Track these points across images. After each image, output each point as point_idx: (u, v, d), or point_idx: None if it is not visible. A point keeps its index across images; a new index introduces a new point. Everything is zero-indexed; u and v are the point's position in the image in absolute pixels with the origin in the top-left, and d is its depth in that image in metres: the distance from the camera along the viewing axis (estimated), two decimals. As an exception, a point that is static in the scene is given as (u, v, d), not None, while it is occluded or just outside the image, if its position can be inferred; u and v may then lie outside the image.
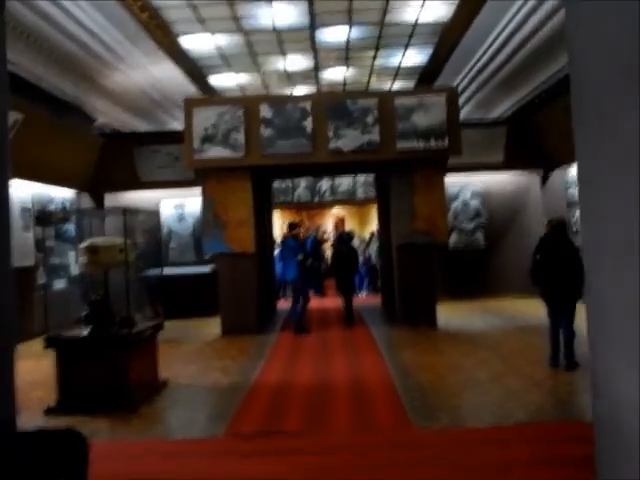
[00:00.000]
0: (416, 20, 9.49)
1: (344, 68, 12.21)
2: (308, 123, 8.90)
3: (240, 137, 8.86)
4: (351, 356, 7.41)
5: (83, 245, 5.95)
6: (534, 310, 10.66)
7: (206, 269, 11.61)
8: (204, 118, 8.89)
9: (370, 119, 8.93)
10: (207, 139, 8.87)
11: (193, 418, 5.19)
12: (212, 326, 9.90)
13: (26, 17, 8.24)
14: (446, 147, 8.93)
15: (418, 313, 9.28)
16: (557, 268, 5.76)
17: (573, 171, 11.48)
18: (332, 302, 12.11)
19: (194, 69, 11.58)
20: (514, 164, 12.25)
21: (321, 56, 11.16)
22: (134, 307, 12.07)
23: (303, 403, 5.56)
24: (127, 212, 5.68)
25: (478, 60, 11.62)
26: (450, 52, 10.72)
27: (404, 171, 9.26)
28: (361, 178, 16.51)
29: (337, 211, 21.49)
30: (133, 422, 5.11)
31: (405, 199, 9.25)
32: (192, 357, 7.93)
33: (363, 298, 13.89)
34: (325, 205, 18.29)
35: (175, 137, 9.42)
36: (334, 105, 8.98)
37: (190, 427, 4.94)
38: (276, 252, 13.32)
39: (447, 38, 10.09)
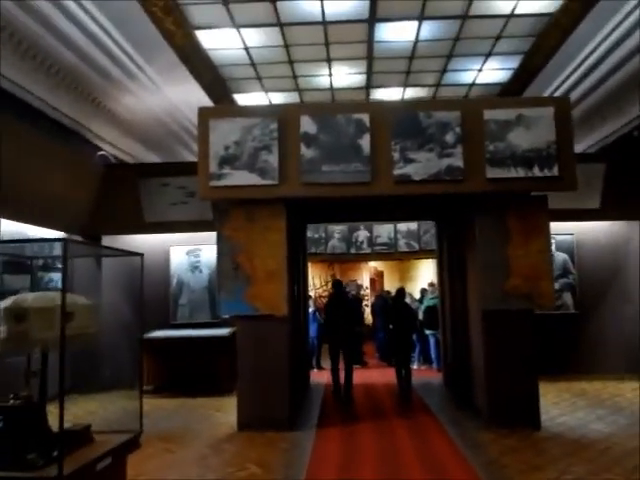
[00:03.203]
0: (512, 11, 7.06)
1: (401, 89, 9.84)
2: (365, 142, 6.55)
3: (273, 159, 6.52)
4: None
5: (2, 305, 3.37)
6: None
7: (224, 332, 9.07)
8: (225, 133, 6.61)
9: (450, 138, 6.56)
10: (228, 161, 6.56)
11: None
12: (227, 410, 7.67)
13: (16, 17, 6.16)
14: (556, 176, 6.34)
15: (514, 406, 6.66)
16: None
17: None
18: (379, 375, 9.50)
19: (216, 84, 9.36)
20: (613, 211, 9.54)
21: (376, 66, 8.82)
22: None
23: None
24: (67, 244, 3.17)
25: (568, 77, 9.23)
26: (543, 63, 8.31)
27: (493, 210, 6.72)
28: (403, 227, 14.29)
29: (374, 265, 19.09)
30: None
31: (495, 248, 6.73)
32: (190, 473, 5.43)
33: (416, 371, 11.03)
34: (361, 258, 16.12)
35: (190, 168, 7.00)
36: (401, 118, 6.67)
37: None
38: (310, 310, 10.84)
39: (544, 42, 7.66)
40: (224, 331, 9.30)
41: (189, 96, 10.00)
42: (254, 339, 6.94)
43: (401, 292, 9.20)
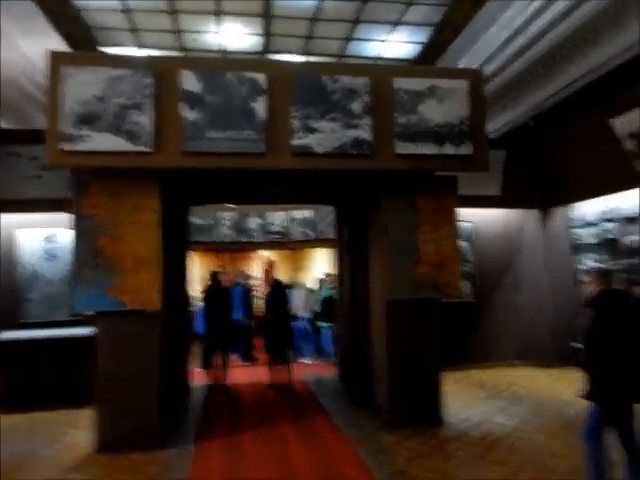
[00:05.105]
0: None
1: (301, 57, 8.93)
2: (260, 106, 5.58)
3: (145, 120, 5.36)
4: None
5: None
6: (545, 387, 8.15)
7: (87, 331, 7.67)
8: (84, 85, 5.37)
9: (357, 107, 5.79)
10: (87, 120, 5.32)
11: None
12: (87, 426, 6.34)
13: None
14: (469, 155, 5.80)
15: (416, 403, 6.36)
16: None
17: (581, 207, 8.85)
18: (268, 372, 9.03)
19: (80, 34, 7.87)
20: (512, 199, 9.46)
21: (275, 27, 7.88)
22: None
23: None
24: None
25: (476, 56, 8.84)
26: (451, 39, 7.78)
27: (402, 190, 6.09)
28: (299, 215, 13.62)
29: (267, 254, 18.16)
30: None
31: (403, 233, 6.11)
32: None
33: (309, 366, 10.33)
34: (253, 247, 15.41)
35: (44, 136, 5.52)
36: (304, 81, 5.72)
37: None
38: (200, 305, 10.18)
39: (455, 13, 7.10)
40: (87, 330, 7.88)
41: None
42: (119, 339, 5.80)
43: (277, 283, 9.04)
